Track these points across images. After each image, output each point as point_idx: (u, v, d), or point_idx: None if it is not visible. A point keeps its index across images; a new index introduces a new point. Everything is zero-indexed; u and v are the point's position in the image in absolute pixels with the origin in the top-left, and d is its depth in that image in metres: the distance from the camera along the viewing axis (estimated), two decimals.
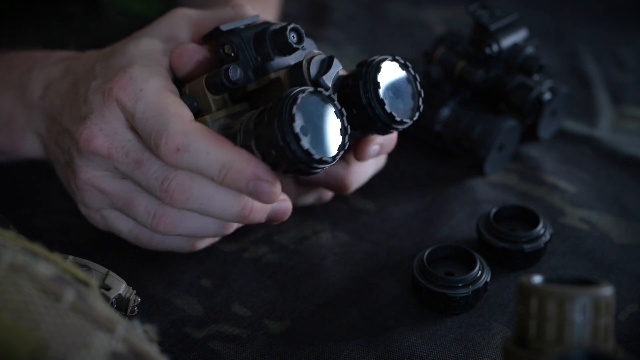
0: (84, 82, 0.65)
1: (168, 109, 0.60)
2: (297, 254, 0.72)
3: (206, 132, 0.60)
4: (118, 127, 0.63)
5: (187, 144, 0.59)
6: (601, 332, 0.49)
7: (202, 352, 0.64)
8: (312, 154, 0.57)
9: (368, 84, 0.62)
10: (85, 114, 0.64)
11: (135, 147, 0.62)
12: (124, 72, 0.62)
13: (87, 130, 0.63)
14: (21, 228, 0.60)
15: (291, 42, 0.63)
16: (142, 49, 0.65)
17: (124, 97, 0.62)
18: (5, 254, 0.47)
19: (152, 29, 0.67)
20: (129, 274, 0.63)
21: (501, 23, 0.79)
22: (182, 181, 0.60)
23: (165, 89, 0.62)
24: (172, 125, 0.59)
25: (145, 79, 0.62)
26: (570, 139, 0.85)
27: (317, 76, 0.61)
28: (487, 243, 0.70)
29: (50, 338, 0.45)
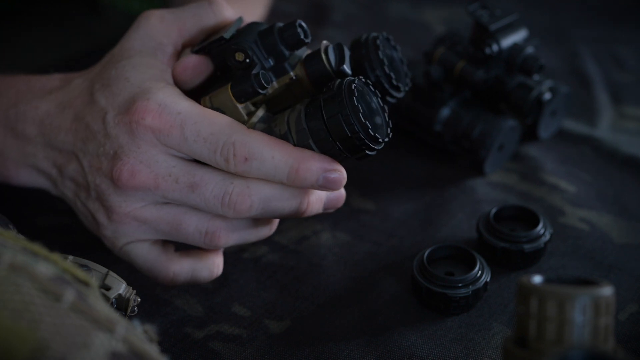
0: (92, 116, 0.63)
1: (220, 122, 0.60)
2: (297, 254, 0.72)
3: (266, 136, 0.60)
4: (158, 156, 0.61)
5: (253, 151, 0.59)
6: (601, 332, 0.49)
7: (202, 352, 0.64)
8: (378, 139, 0.59)
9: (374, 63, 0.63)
10: (114, 150, 0.62)
11: (183, 172, 0.61)
12: (147, 100, 0.60)
13: (126, 166, 0.61)
14: (21, 228, 0.60)
15: (302, 37, 0.62)
16: (141, 69, 0.63)
17: (162, 126, 0.60)
18: (5, 254, 0.47)
19: (133, 42, 0.64)
20: (129, 274, 0.63)
21: (501, 23, 0.79)
22: (241, 192, 0.60)
23: (195, 104, 0.61)
24: (235, 136, 0.59)
25: (174, 101, 0.60)
26: (570, 139, 0.85)
27: (337, 66, 0.62)
28: (487, 243, 0.70)
29: (50, 338, 0.45)
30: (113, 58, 0.65)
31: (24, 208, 0.76)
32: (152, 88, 0.61)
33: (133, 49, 0.64)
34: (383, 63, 0.63)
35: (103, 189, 0.63)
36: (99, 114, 0.62)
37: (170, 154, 0.61)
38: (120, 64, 0.63)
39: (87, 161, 0.64)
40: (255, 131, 0.60)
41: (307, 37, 0.63)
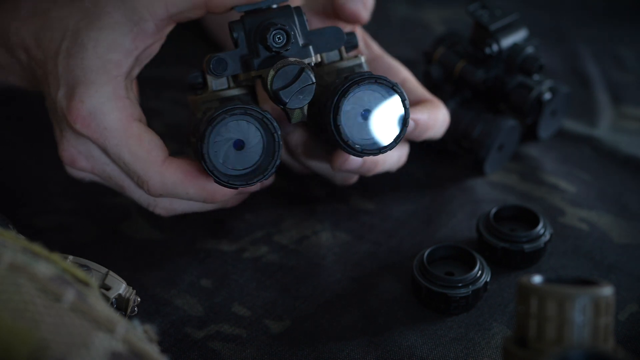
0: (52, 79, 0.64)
1: (139, 154, 0.63)
2: (297, 254, 0.72)
3: (180, 174, 0.63)
4: (94, 150, 0.64)
5: (167, 190, 0.63)
6: (601, 332, 0.49)
7: (202, 352, 0.64)
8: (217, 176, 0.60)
9: (333, 106, 0.61)
10: (60, 128, 0.65)
11: (114, 173, 0.65)
12: (81, 102, 0.62)
13: (66, 152, 0.65)
14: (21, 228, 0.60)
15: (270, 44, 0.62)
16: (101, 51, 0.63)
17: (89, 134, 0.63)
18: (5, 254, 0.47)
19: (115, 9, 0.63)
20: (129, 274, 0.63)
21: (501, 23, 0.79)
22: (164, 207, 0.66)
23: (128, 123, 0.63)
24: (149, 174, 0.63)
25: (104, 113, 0.62)
26: (570, 139, 0.85)
27: (277, 89, 0.61)
28: (487, 243, 0.70)
29: (50, 338, 0.45)
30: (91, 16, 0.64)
31: (24, 208, 0.76)
32: (92, 85, 0.62)
33: (111, 17, 0.63)
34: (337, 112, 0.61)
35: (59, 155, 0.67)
36: (55, 83, 0.64)
37: (105, 153, 0.64)
38: (89, 33, 0.63)
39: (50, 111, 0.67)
40: (172, 167, 0.63)
41: (285, 44, 0.62)
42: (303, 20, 0.64)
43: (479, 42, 0.79)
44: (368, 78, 0.61)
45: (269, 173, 0.61)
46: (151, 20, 0.63)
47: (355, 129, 0.62)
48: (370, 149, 0.62)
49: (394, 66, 0.72)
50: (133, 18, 0.63)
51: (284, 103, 0.61)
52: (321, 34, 0.65)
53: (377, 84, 0.61)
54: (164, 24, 0.64)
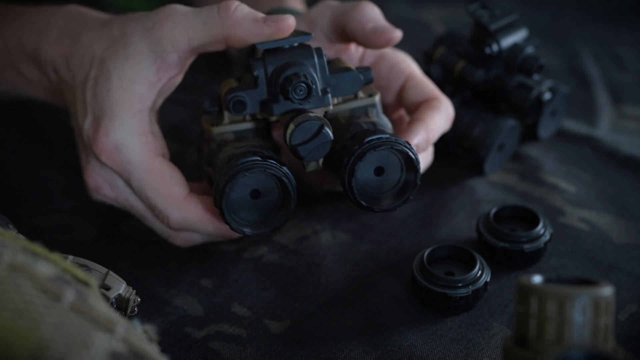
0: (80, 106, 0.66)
1: (161, 190, 0.65)
2: (297, 254, 0.72)
3: (200, 211, 0.65)
4: (117, 180, 0.67)
5: (187, 226, 0.66)
6: (601, 332, 0.49)
7: (202, 352, 0.64)
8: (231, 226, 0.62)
9: (348, 166, 0.62)
10: (85, 153, 0.67)
11: (136, 204, 0.67)
12: (106, 136, 0.64)
13: (91, 178, 0.67)
14: (21, 228, 0.60)
15: (292, 97, 0.63)
16: (125, 84, 0.64)
17: (114, 167, 0.65)
18: (5, 254, 0.47)
19: (140, 40, 0.65)
20: (129, 274, 0.63)
21: (501, 23, 0.79)
22: (183, 238, 0.68)
23: (152, 159, 0.65)
24: (169, 210, 0.65)
25: (128, 148, 0.64)
26: (570, 139, 0.85)
27: (296, 144, 0.62)
28: (487, 243, 0.70)
29: (50, 338, 0.45)
30: (118, 45, 0.65)
31: (24, 208, 0.76)
32: (117, 118, 0.64)
33: (136, 48, 0.65)
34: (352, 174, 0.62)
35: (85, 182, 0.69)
36: (83, 109, 0.66)
37: (128, 184, 0.66)
38: (115, 63, 0.65)
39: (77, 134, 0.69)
40: (192, 204, 0.65)
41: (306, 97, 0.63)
42: (323, 62, 0.65)
43: (479, 42, 0.79)
44: (385, 143, 0.62)
45: (283, 223, 0.63)
46: (174, 53, 0.65)
47: (368, 185, 0.63)
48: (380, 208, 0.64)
49: (397, 65, 0.72)
50: (157, 50, 0.64)
51: (302, 158, 0.63)
52: (340, 78, 0.65)
53: (393, 150, 0.62)
54: (187, 56, 0.66)
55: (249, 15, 0.64)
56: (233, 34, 0.64)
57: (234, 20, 0.63)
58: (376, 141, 0.62)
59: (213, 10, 0.64)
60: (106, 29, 0.67)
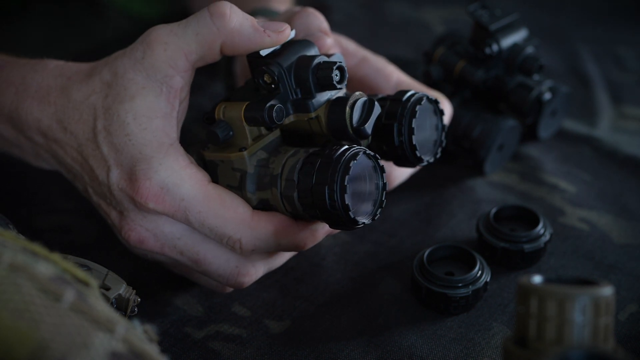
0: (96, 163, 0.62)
1: (226, 215, 0.60)
2: (297, 254, 0.72)
3: (271, 226, 0.61)
4: (164, 226, 0.61)
5: (261, 245, 0.61)
6: (601, 332, 0.49)
7: (202, 352, 0.64)
8: (357, 221, 0.58)
9: (403, 128, 0.62)
10: (120, 209, 0.62)
11: (187, 246, 0.62)
12: (148, 180, 0.59)
13: (133, 232, 0.62)
14: (21, 228, 0.60)
15: (335, 81, 0.61)
16: (143, 122, 0.60)
17: (165, 210, 0.60)
18: (5, 254, 0.47)
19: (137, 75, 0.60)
20: (129, 274, 0.63)
21: (501, 23, 0.79)
22: (247, 272, 0.63)
23: (204, 187, 0.60)
24: (241, 232, 0.60)
25: (177, 184, 0.59)
26: (570, 139, 0.85)
27: (358, 125, 0.61)
28: (487, 243, 0.70)
29: (50, 338, 0.45)
30: (116, 88, 0.61)
31: (24, 208, 0.76)
32: (153, 160, 0.59)
33: (136, 83, 0.60)
34: (412, 132, 0.62)
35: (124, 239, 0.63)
36: (103, 165, 0.61)
37: (177, 223, 0.61)
38: (123, 106, 0.60)
39: (96, 197, 0.64)
40: (262, 222, 0.60)
41: (341, 82, 0.61)
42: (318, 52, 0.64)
43: (479, 42, 0.79)
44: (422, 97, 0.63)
45: (382, 206, 0.61)
46: (176, 75, 0.61)
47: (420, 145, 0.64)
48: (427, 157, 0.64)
49: (383, 69, 0.71)
50: (158, 78, 0.60)
51: (368, 135, 0.61)
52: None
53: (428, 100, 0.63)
54: (189, 75, 0.62)
55: (246, 22, 0.60)
56: (230, 42, 0.60)
57: (232, 27, 0.60)
58: (414, 98, 0.63)
59: (204, 17, 0.60)
60: (95, 77, 0.62)
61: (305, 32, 0.66)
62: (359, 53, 0.72)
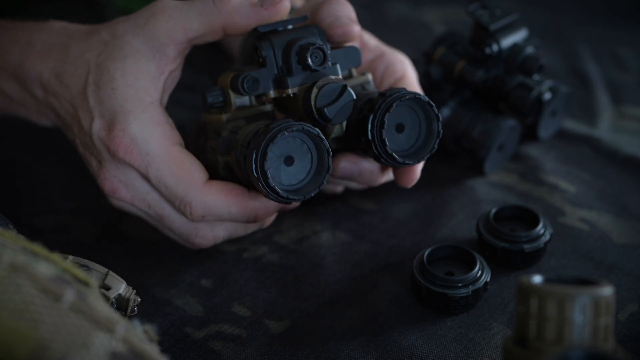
0: (83, 112, 0.66)
1: (181, 177, 0.64)
2: (297, 254, 0.72)
3: (222, 194, 0.64)
4: (134, 179, 0.65)
5: (209, 211, 0.64)
6: (601, 332, 0.49)
7: (202, 352, 0.64)
8: (278, 192, 0.60)
9: (376, 121, 0.62)
10: (98, 158, 0.66)
11: (155, 201, 0.66)
12: (122, 131, 0.63)
13: (107, 181, 0.66)
14: (21, 228, 0.60)
15: (310, 63, 0.63)
16: (130, 79, 0.64)
17: (132, 161, 0.64)
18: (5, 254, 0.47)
19: (135, 38, 0.65)
20: (129, 274, 0.63)
21: (501, 23, 0.79)
22: (205, 234, 0.67)
23: (170, 147, 0.64)
24: (191, 196, 0.63)
25: (146, 139, 0.63)
26: (570, 139, 0.85)
27: (322, 106, 0.62)
28: (487, 243, 0.70)
29: (50, 338, 0.45)
30: (111, 47, 0.65)
31: (24, 208, 0.76)
32: (130, 114, 0.63)
33: (132, 46, 0.65)
34: (382, 126, 0.62)
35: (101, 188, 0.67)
36: (88, 115, 0.65)
37: (146, 180, 0.65)
38: (114, 63, 0.64)
39: (82, 148, 0.68)
40: (213, 188, 0.64)
41: (322, 63, 0.63)
42: (324, 38, 0.65)
43: (479, 42, 0.79)
44: (409, 94, 0.62)
45: (318, 187, 0.61)
46: (172, 45, 0.65)
47: (394, 142, 0.63)
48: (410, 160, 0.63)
49: (393, 65, 0.72)
50: (154, 44, 0.64)
51: (329, 119, 0.62)
52: (342, 53, 0.66)
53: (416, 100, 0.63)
54: (184, 48, 0.65)
55: (246, 1, 0.64)
56: (231, 22, 0.64)
57: (231, 7, 0.63)
58: (398, 93, 0.62)
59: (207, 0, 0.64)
60: (94, 36, 0.66)
61: (333, 19, 0.67)
62: (379, 49, 0.73)
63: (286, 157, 0.61)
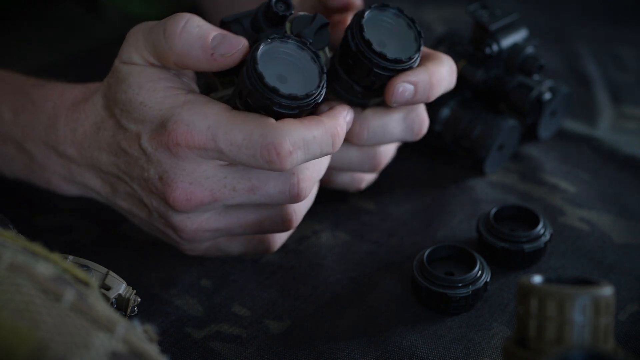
0: (127, 142, 0.62)
1: (250, 126, 0.58)
2: (297, 254, 0.72)
3: (296, 122, 0.58)
4: (207, 171, 0.60)
5: (295, 142, 0.58)
6: (601, 332, 0.49)
7: (202, 352, 0.64)
8: (277, 90, 0.58)
9: (354, 30, 0.62)
10: (160, 175, 0.61)
11: (237, 178, 0.61)
12: (175, 122, 0.59)
13: (178, 191, 0.60)
14: (21, 228, 0.60)
15: (277, 10, 0.62)
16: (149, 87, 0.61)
17: (197, 144, 0.59)
18: (5, 254, 0.47)
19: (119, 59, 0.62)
20: (129, 274, 0.63)
21: (501, 23, 0.79)
22: (304, 177, 0.62)
23: (226, 110, 0.59)
24: (269, 137, 0.58)
25: (200, 116, 0.59)
26: (570, 139, 0.85)
27: (297, 31, 0.63)
28: (487, 243, 0.70)
29: (50, 338, 0.45)
30: (112, 77, 0.63)
31: (24, 208, 0.76)
32: (174, 107, 0.60)
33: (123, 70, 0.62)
34: (362, 29, 0.62)
35: (163, 212, 0.63)
36: (134, 140, 0.61)
37: (217, 165, 0.60)
38: (121, 87, 0.62)
39: (136, 185, 0.63)
40: (286, 122, 0.58)
41: (288, 9, 0.62)
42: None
43: (479, 42, 0.79)
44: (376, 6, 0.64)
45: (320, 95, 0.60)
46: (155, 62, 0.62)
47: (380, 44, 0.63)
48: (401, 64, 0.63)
49: None
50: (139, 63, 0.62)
51: (307, 41, 0.61)
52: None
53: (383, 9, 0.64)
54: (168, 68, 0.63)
55: (197, 42, 0.60)
56: (181, 62, 0.61)
57: (181, 47, 0.60)
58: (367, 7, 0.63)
59: (159, 32, 0.60)
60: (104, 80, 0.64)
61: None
62: None
63: (278, 75, 0.60)
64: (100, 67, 0.69)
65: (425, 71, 0.64)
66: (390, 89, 0.63)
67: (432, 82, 0.64)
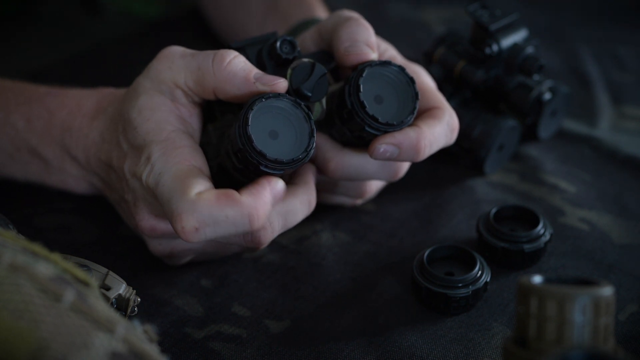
0: (117, 160, 0.66)
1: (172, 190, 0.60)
2: (297, 254, 0.72)
3: (213, 199, 0.59)
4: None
5: (202, 220, 0.59)
6: (601, 332, 0.49)
7: (202, 352, 0.64)
8: (264, 154, 0.59)
9: (351, 88, 0.63)
10: (134, 200, 0.65)
11: None
12: (147, 159, 0.62)
13: (143, 222, 0.64)
14: (21, 228, 0.60)
15: (280, 53, 0.64)
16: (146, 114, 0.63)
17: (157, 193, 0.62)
18: (5, 254, 0.47)
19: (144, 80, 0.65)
20: (129, 274, 0.63)
21: (501, 23, 0.79)
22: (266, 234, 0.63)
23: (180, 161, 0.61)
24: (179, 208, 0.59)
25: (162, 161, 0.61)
26: (570, 139, 0.85)
27: (298, 84, 0.63)
28: (487, 243, 0.70)
29: (50, 338, 0.45)
30: (129, 92, 0.65)
31: (24, 208, 0.76)
32: (152, 143, 0.62)
33: (143, 85, 0.64)
34: (358, 89, 0.63)
35: (139, 233, 0.68)
36: (122, 160, 0.65)
37: None
38: (131, 104, 0.64)
39: (122, 201, 0.68)
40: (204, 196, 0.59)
41: (292, 51, 0.65)
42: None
43: (479, 42, 0.79)
44: (377, 62, 0.64)
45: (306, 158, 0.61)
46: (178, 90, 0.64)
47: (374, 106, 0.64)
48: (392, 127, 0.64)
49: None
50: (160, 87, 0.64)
51: (308, 96, 0.63)
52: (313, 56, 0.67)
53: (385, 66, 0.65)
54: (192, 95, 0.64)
55: (242, 72, 0.62)
56: (222, 88, 0.63)
57: (226, 74, 0.62)
58: (369, 62, 0.64)
59: (208, 58, 0.63)
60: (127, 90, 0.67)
61: (350, 43, 0.66)
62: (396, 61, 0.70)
63: (270, 131, 0.61)
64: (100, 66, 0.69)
65: (415, 132, 0.64)
66: (371, 146, 0.65)
67: (420, 144, 0.64)
